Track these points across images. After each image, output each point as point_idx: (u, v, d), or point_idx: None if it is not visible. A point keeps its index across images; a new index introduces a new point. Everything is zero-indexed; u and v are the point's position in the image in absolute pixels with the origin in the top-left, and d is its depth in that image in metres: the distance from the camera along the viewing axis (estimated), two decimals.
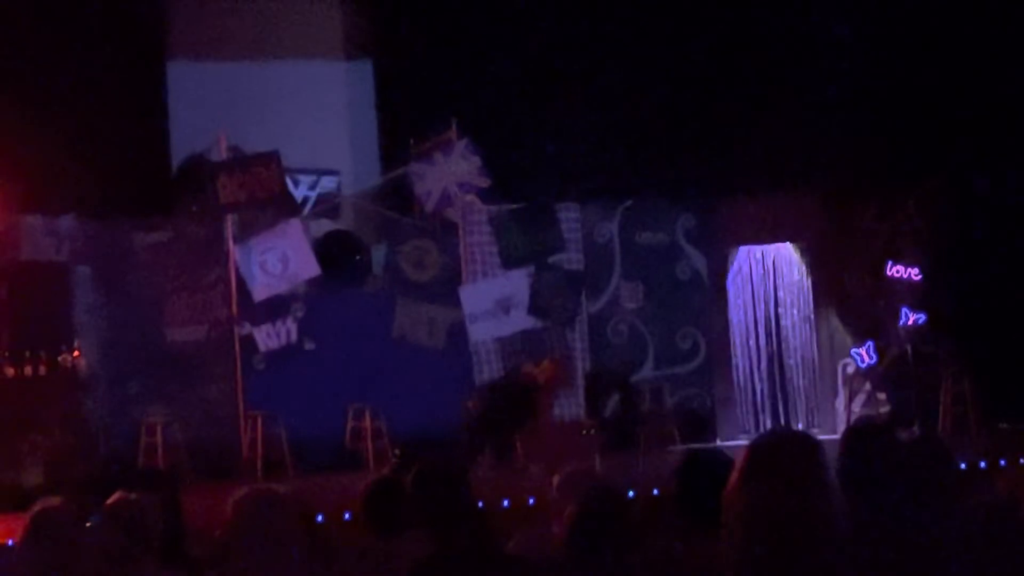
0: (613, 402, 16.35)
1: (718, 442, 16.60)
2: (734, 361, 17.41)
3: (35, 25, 15.08)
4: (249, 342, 15.44)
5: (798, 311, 17.50)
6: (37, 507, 5.48)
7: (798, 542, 3.32)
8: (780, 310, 17.50)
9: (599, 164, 16.43)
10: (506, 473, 13.94)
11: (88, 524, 5.54)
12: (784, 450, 3.43)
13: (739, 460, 3.53)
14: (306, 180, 16.87)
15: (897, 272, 16.60)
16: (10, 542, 9.12)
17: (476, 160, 15.81)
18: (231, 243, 15.48)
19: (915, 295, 16.56)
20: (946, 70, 16.01)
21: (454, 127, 15.92)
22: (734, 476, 3.41)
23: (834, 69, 16.34)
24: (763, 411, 17.44)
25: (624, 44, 16.40)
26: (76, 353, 14.37)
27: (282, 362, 15.51)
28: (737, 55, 16.37)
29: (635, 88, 16.35)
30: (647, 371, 17.01)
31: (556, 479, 6.09)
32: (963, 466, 11.32)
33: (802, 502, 3.30)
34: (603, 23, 16.54)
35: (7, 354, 14.05)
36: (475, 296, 15.92)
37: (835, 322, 17.29)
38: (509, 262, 16.17)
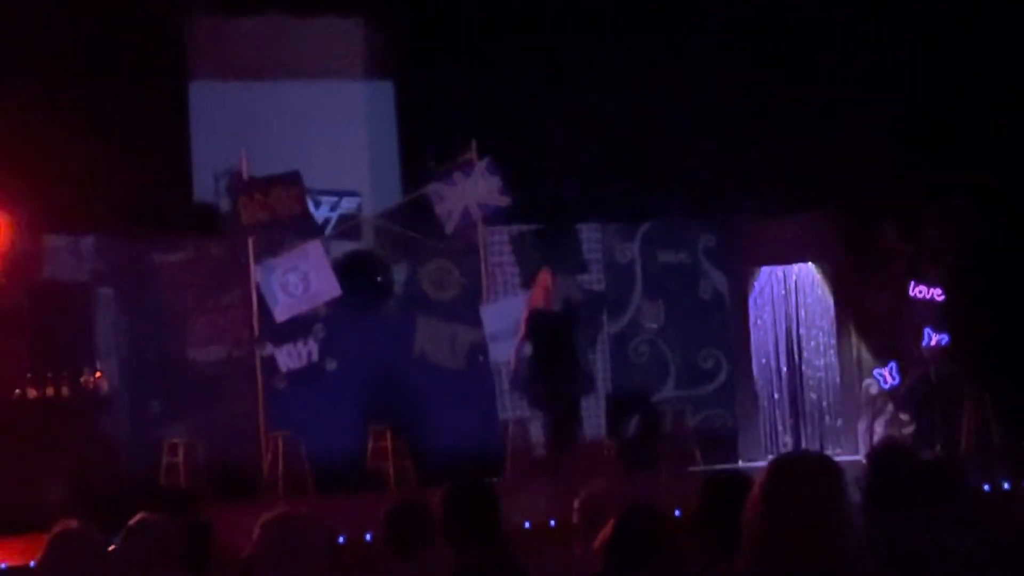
0: (634, 422, 16.29)
1: (740, 463, 16.55)
2: (756, 381, 17.37)
3: (56, 46, 15.13)
4: (270, 362, 15.48)
5: (820, 331, 17.45)
6: (55, 528, 5.47)
7: (816, 563, 3.30)
8: (802, 330, 17.45)
9: (620, 184, 16.42)
10: (527, 494, 13.91)
11: (110, 547, 5.53)
12: (803, 471, 3.42)
13: (759, 481, 3.52)
14: (327, 201, 16.89)
15: (920, 292, 16.56)
16: (32, 563, 9.15)
17: (496, 180, 15.86)
18: (252, 263, 15.53)
19: (938, 315, 16.50)
20: (968, 88, 15.98)
21: (474, 147, 15.96)
22: (753, 496, 3.41)
23: (854, 88, 16.31)
24: (785, 432, 17.39)
25: (645, 64, 16.40)
26: (98, 374, 14.39)
27: (303, 382, 15.53)
28: (757, 74, 16.36)
29: (656, 108, 16.35)
30: (668, 391, 16.96)
31: (577, 501, 6.07)
32: (986, 487, 11.30)
33: (820, 523, 3.29)
34: (624, 44, 16.54)
35: (29, 375, 14.08)
36: (496, 315, 15.94)
37: (857, 342, 17.24)
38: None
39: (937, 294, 16.50)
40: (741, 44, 16.37)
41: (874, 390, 16.88)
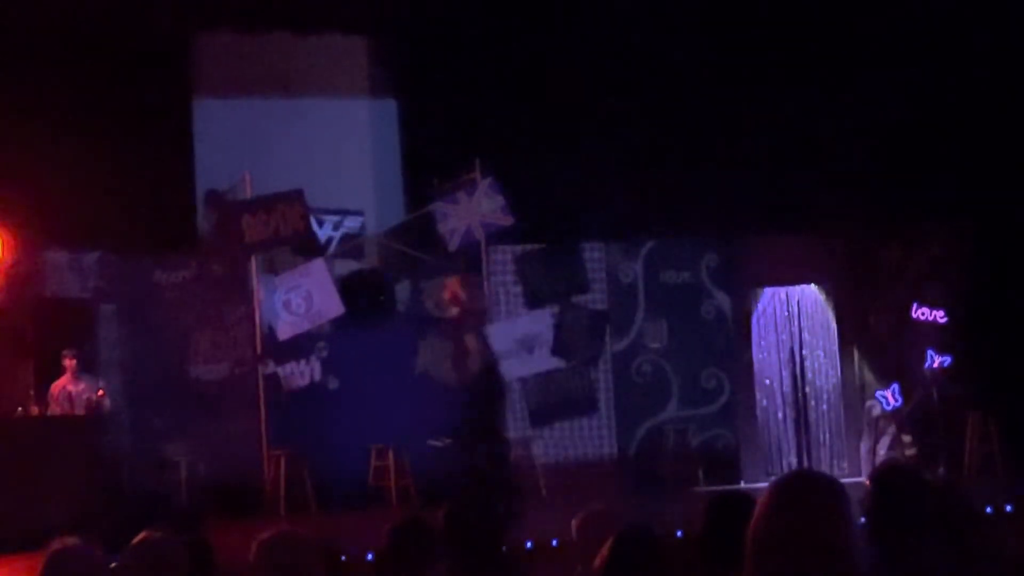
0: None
1: (742, 483, 16.51)
2: (758, 402, 17.34)
3: (60, 62, 15.15)
4: (273, 380, 15.47)
5: (823, 353, 17.44)
6: (53, 546, 5.45)
7: None
8: (805, 352, 17.44)
9: (623, 203, 16.42)
10: (528, 513, 13.87)
11: (112, 564, 5.52)
12: (806, 491, 3.40)
13: (762, 500, 3.51)
14: (330, 220, 16.89)
15: (922, 314, 16.55)
16: None
17: (499, 199, 15.85)
18: (255, 281, 15.53)
19: (940, 337, 16.50)
20: (971, 108, 15.99)
21: (478, 166, 15.96)
22: (756, 516, 3.39)
23: (858, 109, 16.32)
24: (787, 453, 17.37)
25: (648, 85, 16.42)
26: (100, 392, 14.39)
27: (306, 400, 15.52)
28: (761, 95, 16.37)
29: (659, 128, 16.36)
30: (671, 411, 16.95)
31: (575, 521, 6.07)
32: (989, 510, 11.28)
33: (824, 544, 3.27)
34: (626, 64, 16.56)
35: (31, 392, 14.07)
36: (499, 335, 15.92)
37: (860, 364, 17.22)
38: (533, 301, 16.18)
39: (940, 316, 16.50)
40: (743, 65, 16.38)
41: (877, 411, 16.86)
